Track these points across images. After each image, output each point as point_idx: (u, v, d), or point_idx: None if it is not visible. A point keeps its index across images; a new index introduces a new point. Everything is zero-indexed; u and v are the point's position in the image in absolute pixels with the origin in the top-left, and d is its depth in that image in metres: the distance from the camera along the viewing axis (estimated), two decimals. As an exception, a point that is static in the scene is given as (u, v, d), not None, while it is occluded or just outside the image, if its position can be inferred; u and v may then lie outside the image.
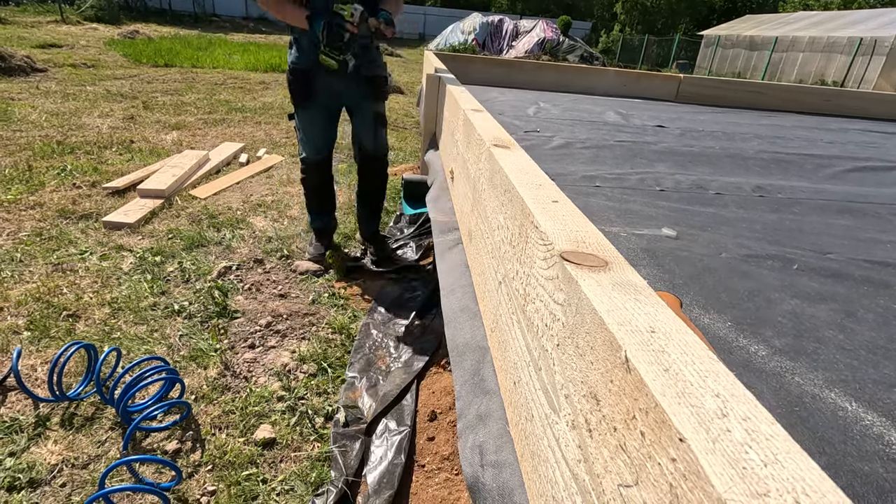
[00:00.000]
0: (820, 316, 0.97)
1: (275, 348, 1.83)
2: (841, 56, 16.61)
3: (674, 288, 1.03)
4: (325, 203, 2.48)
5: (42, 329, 1.78)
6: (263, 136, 4.59)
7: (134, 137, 4.17)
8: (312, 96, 2.12)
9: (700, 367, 0.34)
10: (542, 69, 4.10)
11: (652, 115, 3.21)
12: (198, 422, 1.48)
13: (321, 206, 2.47)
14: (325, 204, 2.47)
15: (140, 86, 6.53)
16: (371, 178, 2.42)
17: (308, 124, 2.20)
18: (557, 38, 17.23)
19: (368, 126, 2.24)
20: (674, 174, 1.88)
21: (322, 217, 2.50)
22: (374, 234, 2.54)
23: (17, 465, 1.29)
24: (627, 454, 0.35)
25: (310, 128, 2.21)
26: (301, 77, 2.09)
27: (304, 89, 2.11)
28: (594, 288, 0.43)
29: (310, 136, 2.23)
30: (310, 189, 2.41)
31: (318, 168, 2.34)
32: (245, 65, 9.36)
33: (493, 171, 0.85)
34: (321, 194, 2.43)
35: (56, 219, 2.61)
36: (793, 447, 0.28)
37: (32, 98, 5.27)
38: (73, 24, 14.19)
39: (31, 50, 8.32)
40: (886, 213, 1.64)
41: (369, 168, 2.39)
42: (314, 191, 2.41)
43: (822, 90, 4.22)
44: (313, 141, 2.25)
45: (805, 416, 0.70)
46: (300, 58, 2.08)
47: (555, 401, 0.51)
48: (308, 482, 1.32)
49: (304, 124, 2.21)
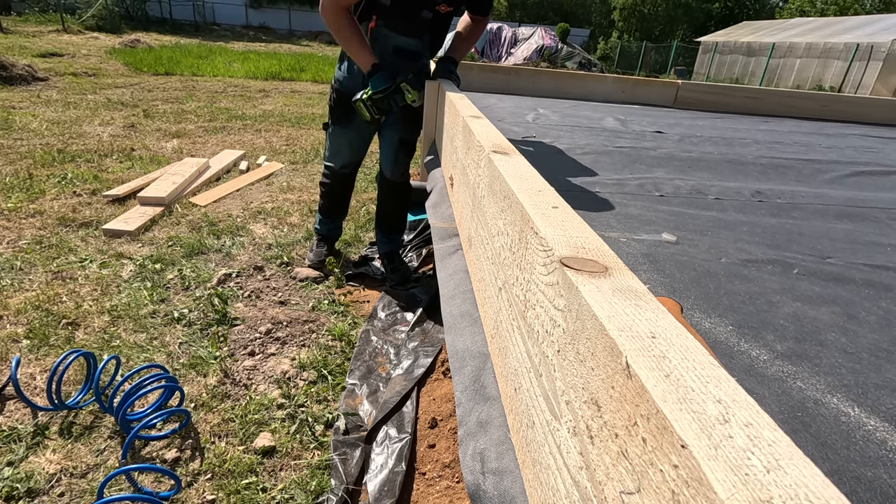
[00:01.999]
0: (821, 320, 0.97)
1: (275, 355, 1.82)
2: (838, 62, 16.72)
3: (674, 293, 1.03)
4: (338, 210, 2.45)
5: (41, 337, 1.78)
6: (263, 144, 4.60)
7: (134, 145, 4.18)
8: (353, 118, 2.07)
9: (701, 372, 0.34)
10: (541, 76, 4.12)
11: (650, 120, 3.22)
12: (197, 430, 1.47)
13: (333, 212, 2.44)
14: (337, 211, 2.44)
15: (140, 94, 6.56)
16: (387, 200, 2.36)
17: (342, 141, 2.19)
18: (556, 45, 17.34)
19: (391, 150, 2.17)
20: (673, 179, 1.89)
21: (330, 223, 2.47)
22: (390, 254, 2.45)
23: (16, 475, 1.28)
24: (629, 461, 0.35)
25: (344, 145, 2.20)
26: (347, 99, 2.01)
27: (347, 111, 2.05)
28: (594, 294, 0.43)
29: (343, 151, 2.22)
30: (327, 194, 2.37)
31: (342, 179, 2.32)
32: (245, 73, 9.41)
33: (493, 177, 0.86)
34: (338, 202, 2.41)
35: (56, 227, 2.62)
36: (795, 453, 0.27)
37: (33, 107, 5.29)
38: (74, 33, 14.29)
39: (33, 59, 8.36)
40: (885, 218, 1.64)
41: (384, 191, 2.33)
42: (331, 197, 2.38)
43: (820, 95, 4.24)
44: (344, 156, 2.23)
45: (807, 421, 0.70)
46: (349, 80, 2.02)
47: (556, 407, 0.50)
48: (308, 491, 1.31)
49: (337, 140, 2.19)
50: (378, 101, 1.83)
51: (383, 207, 2.38)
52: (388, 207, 2.37)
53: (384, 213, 2.39)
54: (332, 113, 2.15)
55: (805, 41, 18.01)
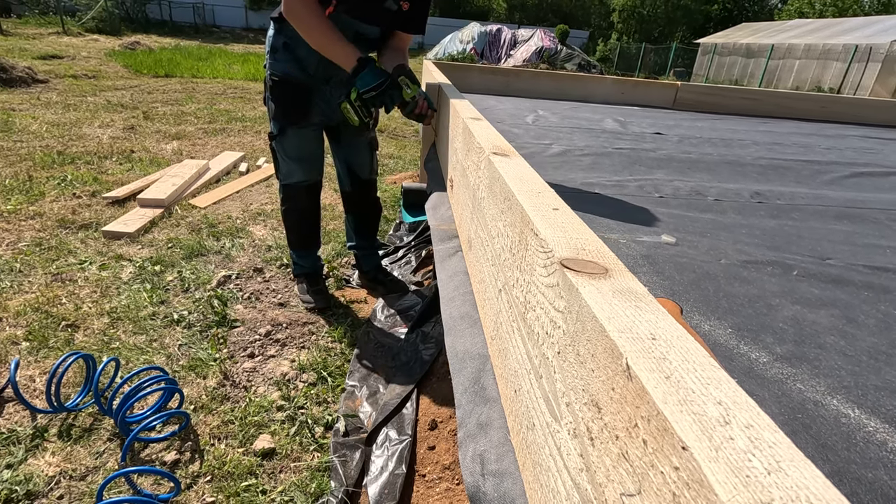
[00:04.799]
0: (821, 322, 0.97)
1: (274, 357, 1.82)
2: (837, 63, 16.75)
3: (674, 295, 1.03)
4: (313, 236, 2.12)
5: (41, 339, 1.78)
6: (263, 146, 4.60)
7: (134, 147, 4.18)
8: (308, 114, 1.80)
9: (702, 374, 0.34)
10: (540, 77, 4.13)
11: (650, 122, 3.23)
12: (197, 432, 1.47)
13: (309, 239, 2.11)
14: (312, 237, 2.12)
15: (140, 96, 6.56)
16: (366, 202, 2.20)
17: (302, 143, 1.85)
18: (555, 47, 17.36)
19: (362, 151, 2.03)
20: (672, 181, 1.89)
21: (309, 256, 2.16)
22: (380, 265, 2.33)
23: (15, 478, 1.28)
24: (630, 463, 0.35)
25: (305, 147, 1.87)
26: (295, 91, 1.75)
27: (300, 106, 1.78)
28: (594, 295, 0.43)
29: (304, 155, 1.88)
30: (296, 219, 2.04)
31: (310, 192, 1.98)
32: (245, 75, 9.42)
33: (493, 179, 0.86)
34: (310, 224, 2.08)
35: (56, 229, 2.61)
36: (796, 455, 0.27)
37: (33, 109, 5.30)
38: (74, 35, 14.30)
39: (33, 61, 8.37)
40: (885, 219, 1.64)
41: (363, 194, 2.16)
42: (302, 220, 2.05)
43: (819, 97, 4.24)
44: (308, 161, 1.90)
45: (807, 423, 0.70)
46: (294, 66, 1.72)
47: (556, 409, 0.50)
48: (308, 493, 1.31)
49: (295, 144, 1.84)
50: (370, 99, 1.55)
51: (361, 210, 2.21)
52: (365, 209, 2.21)
53: (364, 217, 2.23)
54: (281, 113, 1.77)
55: (804, 42, 18.06)
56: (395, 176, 3.96)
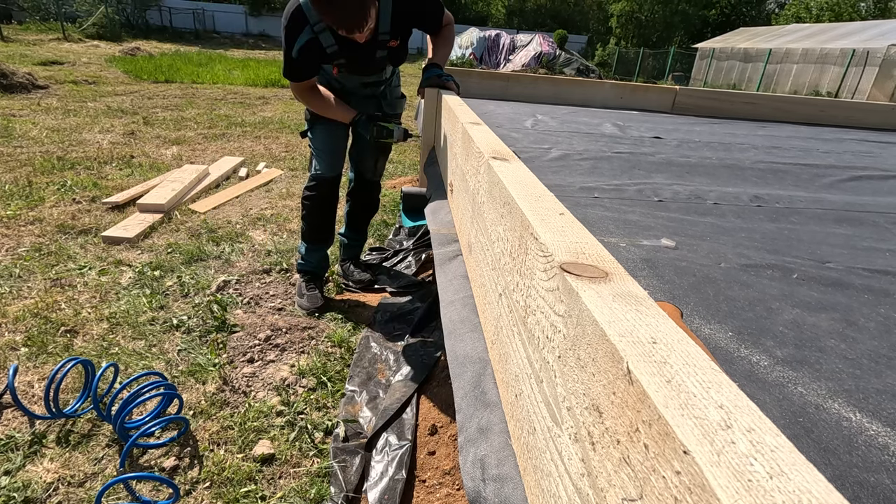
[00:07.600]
0: (821, 325, 0.97)
1: (274, 362, 1.82)
2: (834, 67, 16.82)
3: (674, 298, 1.03)
4: (326, 230, 2.25)
5: (40, 345, 1.77)
6: (263, 151, 4.61)
7: (134, 153, 4.19)
8: None
9: (703, 377, 0.34)
10: (539, 82, 4.14)
11: (649, 126, 3.24)
12: (196, 438, 1.47)
13: (322, 233, 2.24)
14: (325, 231, 2.25)
15: (140, 102, 6.58)
16: (366, 201, 2.40)
17: (327, 137, 2.07)
18: (554, 52, 17.44)
19: (371, 154, 2.21)
20: (671, 185, 1.89)
21: (317, 251, 2.25)
22: (358, 257, 2.52)
23: (13, 484, 1.27)
24: (631, 467, 0.35)
25: (329, 140, 2.08)
26: None
27: None
28: (595, 299, 0.43)
29: (329, 148, 2.09)
30: (315, 211, 2.18)
31: (331, 185, 2.15)
32: (245, 80, 9.45)
33: (492, 184, 0.86)
34: (325, 218, 2.22)
35: (55, 234, 2.61)
36: (798, 459, 0.27)
37: (33, 114, 5.31)
38: (74, 41, 14.36)
39: (33, 67, 8.40)
40: (884, 222, 1.64)
41: (365, 193, 2.36)
42: (319, 212, 2.19)
43: (817, 101, 4.26)
44: (331, 154, 2.11)
45: (809, 426, 0.69)
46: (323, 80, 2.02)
47: (557, 413, 0.50)
48: (307, 499, 1.30)
49: (321, 138, 2.07)
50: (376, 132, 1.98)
51: (360, 206, 2.40)
52: (362, 206, 2.40)
53: (360, 213, 2.41)
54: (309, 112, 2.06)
55: (801, 47, 18.13)
56: (394, 180, 3.97)
